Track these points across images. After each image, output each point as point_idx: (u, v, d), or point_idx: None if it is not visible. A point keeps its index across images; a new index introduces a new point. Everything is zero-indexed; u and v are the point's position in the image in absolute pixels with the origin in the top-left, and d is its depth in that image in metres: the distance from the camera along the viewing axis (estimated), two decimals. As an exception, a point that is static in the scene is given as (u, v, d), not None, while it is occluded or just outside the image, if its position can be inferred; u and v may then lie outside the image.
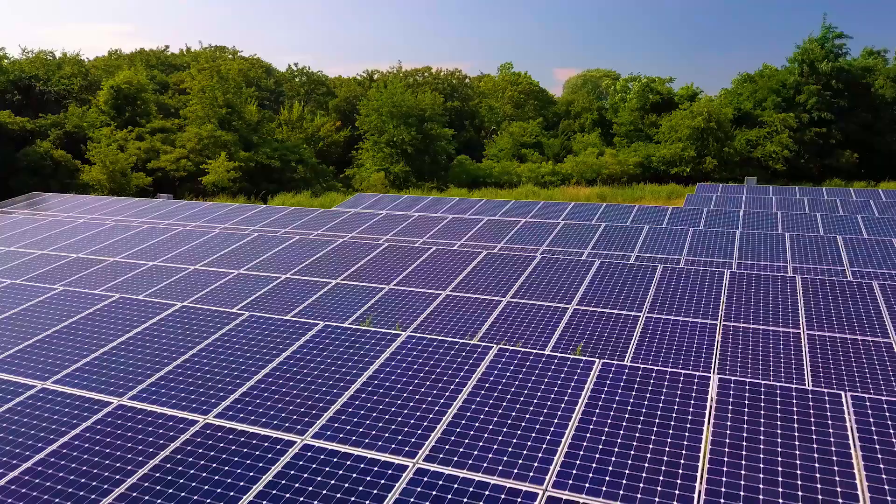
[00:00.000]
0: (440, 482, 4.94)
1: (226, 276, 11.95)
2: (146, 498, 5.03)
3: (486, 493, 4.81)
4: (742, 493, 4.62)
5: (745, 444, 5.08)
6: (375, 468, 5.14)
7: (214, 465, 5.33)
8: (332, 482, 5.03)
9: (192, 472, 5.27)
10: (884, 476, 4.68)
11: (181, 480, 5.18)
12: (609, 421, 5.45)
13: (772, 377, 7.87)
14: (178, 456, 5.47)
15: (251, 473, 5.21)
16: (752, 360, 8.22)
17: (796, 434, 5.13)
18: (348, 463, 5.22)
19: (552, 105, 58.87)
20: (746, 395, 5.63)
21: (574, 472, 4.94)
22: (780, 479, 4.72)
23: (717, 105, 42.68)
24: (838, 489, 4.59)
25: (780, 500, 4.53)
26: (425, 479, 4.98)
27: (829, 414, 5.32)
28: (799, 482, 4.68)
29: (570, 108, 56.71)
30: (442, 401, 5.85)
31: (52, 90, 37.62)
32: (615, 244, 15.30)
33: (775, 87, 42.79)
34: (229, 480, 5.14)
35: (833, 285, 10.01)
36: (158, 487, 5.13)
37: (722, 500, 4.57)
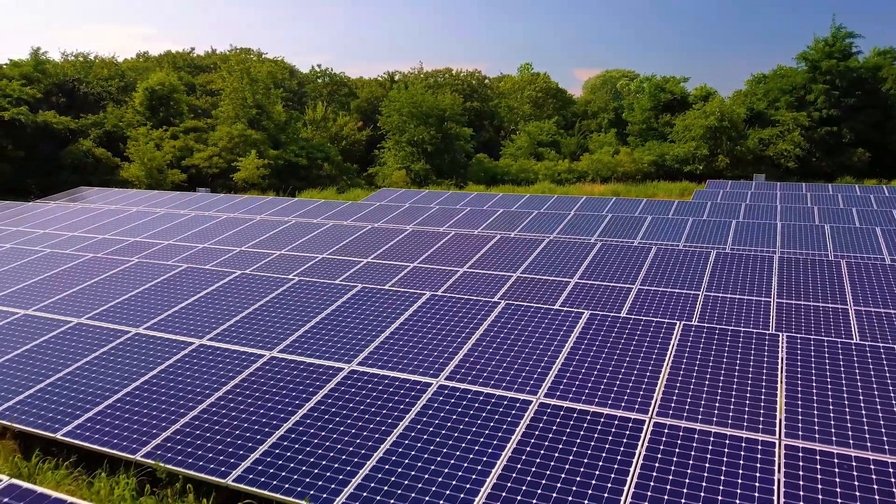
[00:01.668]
0: (457, 393, 6.39)
1: (270, 255, 13.52)
2: (231, 405, 6.54)
3: (493, 400, 6.25)
4: (689, 397, 6.01)
5: (697, 365, 6.47)
6: (407, 385, 6.60)
7: (281, 383, 6.83)
8: (373, 394, 6.51)
9: (263, 388, 6.77)
10: (799, 384, 6.05)
11: (256, 394, 6.68)
12: (593, 351, 6.87)
13: (741, 335, 9.21)
14: (252, 378, 6.98)
15: (309, 390, 6.70)
16: (726, 320, 9.57)
17: (738, 357, 6.51)
18: (385, 382, 6.69)
19: (571, 105, 60.06)
20: (703, 334, 7.01)
21: (561, 386, 6.37)
22: (720, 387, 6.11)
23: (729, 105, 43.65)
24: (763, 391, 5.97)
25: (718, 402, 5.93)
26: (445, 391, 6.44)
27: (766, 346, 6.70)
28: (735, 387, 6.07)
29: (587, 107, 57.93)
30: (460, 338, 7.31)
31: (92, 91, 39.65)
32: (620, 232, 16.64)
33: (787, 88, 43.69)
34: (294, 394, 6.64)
35: (805, 262, 11.30)
36: (240, 398, 6.64)
37: (673, 402, 5.97)
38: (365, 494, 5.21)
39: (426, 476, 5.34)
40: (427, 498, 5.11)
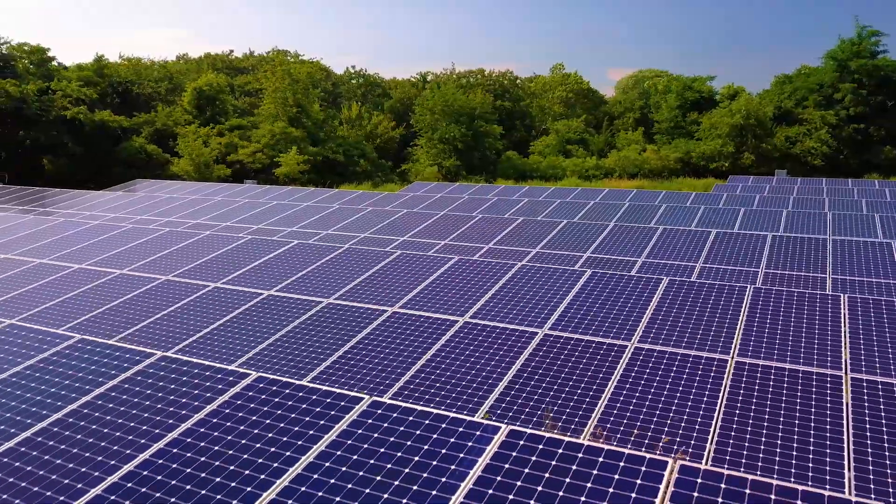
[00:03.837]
0: (478, 327, 7.95)
1: (319, 233, 15.24)
2: (300, 335, 8.20)
3: (507, 331, 7.80)
4: (665, 328, 7.49)
5: (675, 307, 7.93)
6: (438, 321, 8.19)
7: (339, 321, 8.47)
8: (412, 328, 8.10)
9: (324, 324, 8.41)
10: (756, 319, 7.48)
11: (319, 327, 8.33)
12: (591, 298, 8.37)
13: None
14: (315, 317, 8.64)
15: (361, 325, 8.32)
16: (715, 286, 10.96)
17: (711, 302, 7.96)
18: (421, 319, 8.29)
19: (603, 105, 61.12)
20: (685, 286, 8.47)
21: (563, 322, 7.89)
22: (692, 322, 7.57)
23: (756, 102, 44.41)
24: (726, 324, 7.42)
25: (689, 332, 7.39)
26: (469, 326, 8.01)
27: (735, 294, 8.13)
28: (703, 322, 7.52)
29: (616, 107, 58.98)
30: (483, 289, 8.87)
31: (143, 92, 42.13)
32: (636, 218, 18.01)
33: (814, 87, 44.28)
34: (348, 327, 8.27)
35: (794, 241, 12.60)
36: (306, 330, 8.29)
37: (652, 332, 7.45)
38: (407, 392, 6.81)
39: (456, 378, 6.92)
40: (457, 391, 6.70)
